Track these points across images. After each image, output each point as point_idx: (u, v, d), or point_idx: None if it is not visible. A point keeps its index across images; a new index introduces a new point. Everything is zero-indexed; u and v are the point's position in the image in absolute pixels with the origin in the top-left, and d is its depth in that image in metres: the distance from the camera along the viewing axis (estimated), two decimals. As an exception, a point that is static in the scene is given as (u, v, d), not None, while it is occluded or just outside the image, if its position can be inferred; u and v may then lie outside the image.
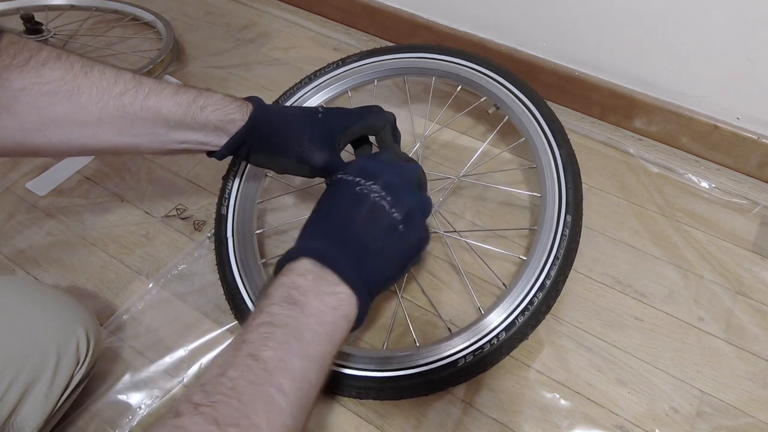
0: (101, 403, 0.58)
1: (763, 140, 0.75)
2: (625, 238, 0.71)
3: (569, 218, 0.61)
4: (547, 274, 0.58)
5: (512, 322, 0.56)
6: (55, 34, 0.97)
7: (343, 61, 0.76)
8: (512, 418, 0.57)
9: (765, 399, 0.58)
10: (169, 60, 0.94)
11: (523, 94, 0.70)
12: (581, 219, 0.62)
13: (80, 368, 0.51)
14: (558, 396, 0.58)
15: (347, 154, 0.55)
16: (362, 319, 0.39)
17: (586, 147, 0.82)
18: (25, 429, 0.47)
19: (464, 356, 0.54)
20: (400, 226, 0.41)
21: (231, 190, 0.67)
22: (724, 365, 0.60)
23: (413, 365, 0.55)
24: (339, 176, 0.44)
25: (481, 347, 0.55)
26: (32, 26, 0.93)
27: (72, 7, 1.03)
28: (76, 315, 0.52)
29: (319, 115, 0.53)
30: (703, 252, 0.70)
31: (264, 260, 0.66)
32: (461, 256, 0.69)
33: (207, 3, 1.10)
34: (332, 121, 0.53)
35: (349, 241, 0.39)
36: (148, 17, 1.02)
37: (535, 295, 0.57)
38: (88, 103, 0.44)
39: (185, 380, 0.60)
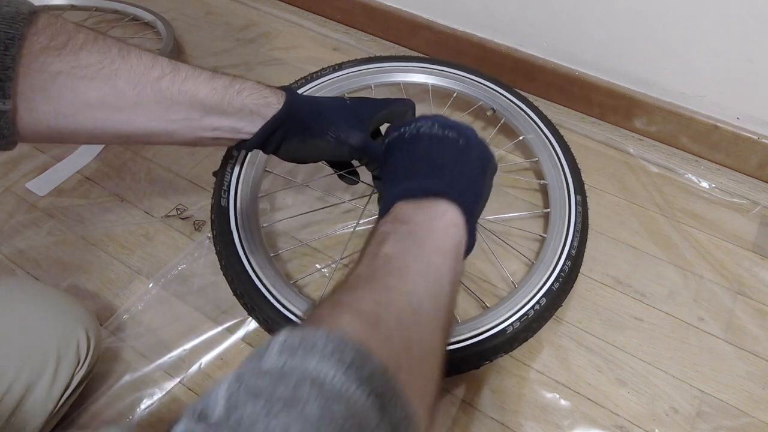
0: (101, 403, 0.58)
1: (763, 140, 0.75)
2: (625, 238, 0.71)
3: (579, 197, 0.68)
4: (571, 245, 0.63)
5: (549, 289, 0.60)
6: (55, 34, 0.97)
7: (340, 66, 0.78)
8: (512, 418, 0.57)
9: (765, 399, 0.58)
10: (169, 60, 0.94)
11: (517, 99, 0.78)
12: (586, 197, 0.69)
13: (81, 368, 0.51)
14: (558, 396, 0.58)
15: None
16: (472, 230, 0.41)
17: (586, 147, 0.82)
18: (25, 429, 0.47)
19: (512, 323, 0.57)
20: (460, 141, 0.44)
21: (230, 182, 0.66)
22: (724, 365, 0.60)
23: (463, 338, 0.56)
24: (387, 141, 0.47)
25: (526, 313, 0.58)
26: (32, 26, 0.93)
27: (72, 7, 1.03)
28: (76, 315, 0.52)
29: (348, 101, 0.53)
30: (703, 252, 0.70)
31: (274, 253, 0.65)
32: (480, 241, 0.69)
33: (207, 3, 1.10)
34: (361, 107, 0.53)
35: (426, 170, 0.42)
36: (148, 17, 1.02)
37: (564, 263, 0.62)
38: (125, 87, 0.43)
39: (185, 380, 0.60)
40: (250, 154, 0.68)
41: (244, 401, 0.23)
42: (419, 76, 0.79)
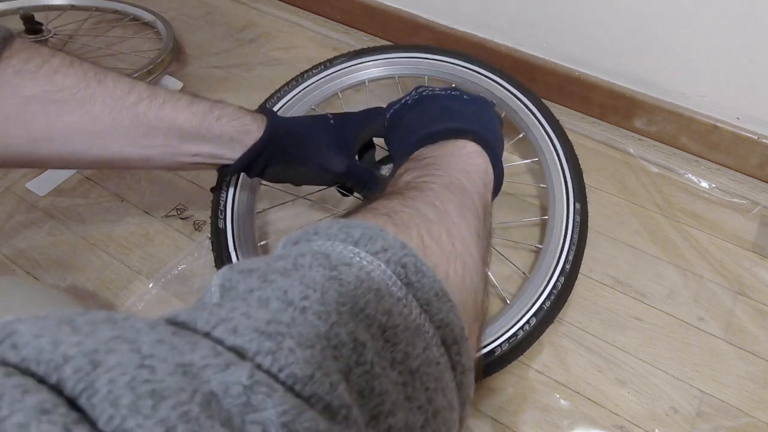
0: (101, 403, 0.58)
1: (763, 140, 0.75)
2: (625, 238, 0.71)
3: (578, 205, 0.64)
4: (566, 259, 0.60)
5: (540, 307, 0.57)
6: (55, 34, 0.97)
7: (331, 62, 0.76)
8: (512, 418, 0.57)
9: (765, 399, 0.58)
10: (169, 60, 0.94)
11: (519, 91, 0.72)
12: (587, 206, 0.65)
13: (80, 369, 0.51)
14: (558, 396, 0.58)
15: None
16: (498, 164, 0.40)
17: (586, 147, 0.82)
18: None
19: (500, 345, 0.55)
20: (464, 96, 0.45)
21: (226, 202, 0.65)
22: (724, 365, 0.60)
23: None
24: (389, 114, 0.48)
25: (514, 334, 0.56)
26: (32, 26, 0.93)
27: (72, 7, 1.03)
28: (76, 315, 0.52)
29: (331, 121, 0.52)
30: (703, 252, 0.70)
31: None
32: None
33: (207, 3, 1.10)
34: (345, 127, 0.52)
35: (438, 117, 0.42)
36: (148, 17, 1.02)
37: (558, 279, 0.59)
38: (101, 112, 0.43)
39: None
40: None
41: (237, 280, 0.20)
42: (410, 69, 0.76)
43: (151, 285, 0.67)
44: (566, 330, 0.63)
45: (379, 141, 0.56)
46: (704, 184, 0.78)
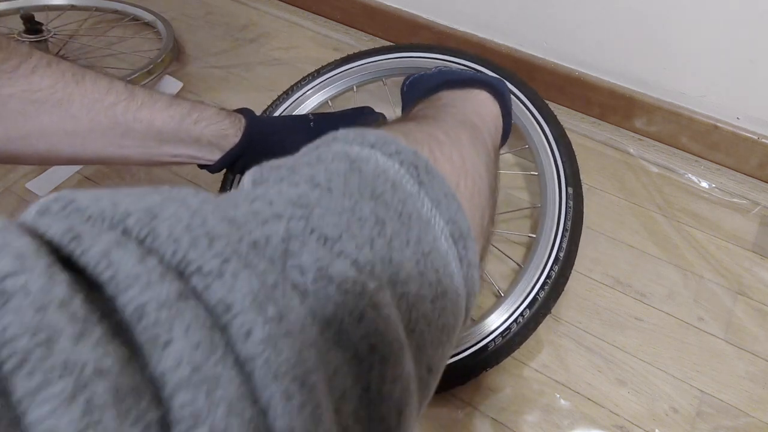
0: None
1: (763, 140, 0.75)
2: (625, 238, 0.71)
3: (570, 190, 0.62)
4: (559, 247, 0.59)
5: (534, 298, 0.56)
6: (55, 34, 0.97)
7: (318, 72, 0.76)
8: (512, 418, 0.57)
9: (765, 399, 0.58)
10: (169, 60, 0.94)
11: (499, 75, 0.70)
12: (581, 188, 0.63)
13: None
14: (558, 396, 0.58)
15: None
16: (508, 114, 0.41)
17: (586, 147, 0.82)
18: None
19: (493, 339, 0.55)
20: (478, 73, 0.47)
21: None
22: (724, 365, 0.60)
23: None
24: (406, 84, 0.49)
25: (508, 327, 0.55)
26: (32, 26, 0.93)
27: (72, 7, 1.03)
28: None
29: (311, 123, 0.53)
30: (703, 252, 0.70)
31: None
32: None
33: (207, 3, 1.10)
34: (325, 129, 0.52)
35: (454, 76, 0.43)
36: (148, 17, 1.02)
37: (551, 268, 0.58)
38: (78, 112, 0.43)
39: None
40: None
41: (268, 175, 0.22)
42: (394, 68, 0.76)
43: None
44: (566, 330, 0.63)
45: None
46: (704, 184, 0.78)
